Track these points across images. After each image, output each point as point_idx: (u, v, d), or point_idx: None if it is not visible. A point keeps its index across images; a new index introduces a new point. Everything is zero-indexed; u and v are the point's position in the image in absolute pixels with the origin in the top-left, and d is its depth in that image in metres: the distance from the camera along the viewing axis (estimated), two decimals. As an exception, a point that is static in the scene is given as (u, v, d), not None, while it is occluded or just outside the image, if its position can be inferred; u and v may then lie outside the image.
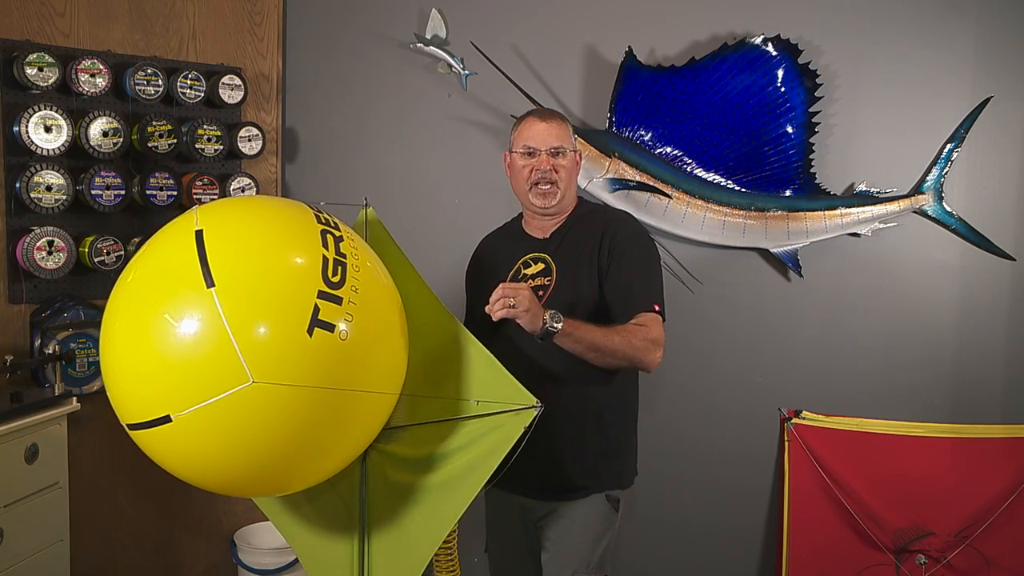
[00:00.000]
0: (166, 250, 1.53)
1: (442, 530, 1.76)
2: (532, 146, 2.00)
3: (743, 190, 2.75)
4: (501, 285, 1.77)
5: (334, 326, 1.45)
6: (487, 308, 1.77)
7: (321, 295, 1.45)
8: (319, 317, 1.43)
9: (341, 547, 1.88)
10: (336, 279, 1.49)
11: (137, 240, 2.57)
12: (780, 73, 2.66)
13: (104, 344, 1.54)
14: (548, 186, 2.00)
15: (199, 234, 1.46)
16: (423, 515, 1.77)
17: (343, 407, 1.53)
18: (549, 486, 1.98)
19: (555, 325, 1.77)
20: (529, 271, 2.03)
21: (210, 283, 1.39)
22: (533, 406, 1.64)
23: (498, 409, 1.69)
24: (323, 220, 1.61)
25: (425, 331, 1.79)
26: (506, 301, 1.75)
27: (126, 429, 1.53)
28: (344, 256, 1.54)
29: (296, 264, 1.49)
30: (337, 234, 1.58)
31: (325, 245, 1.52)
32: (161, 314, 1.43)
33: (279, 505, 1.94)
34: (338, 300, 1.47)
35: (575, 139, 2.11)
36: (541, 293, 1.97)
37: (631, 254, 1.96)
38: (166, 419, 1.42)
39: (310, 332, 1.42)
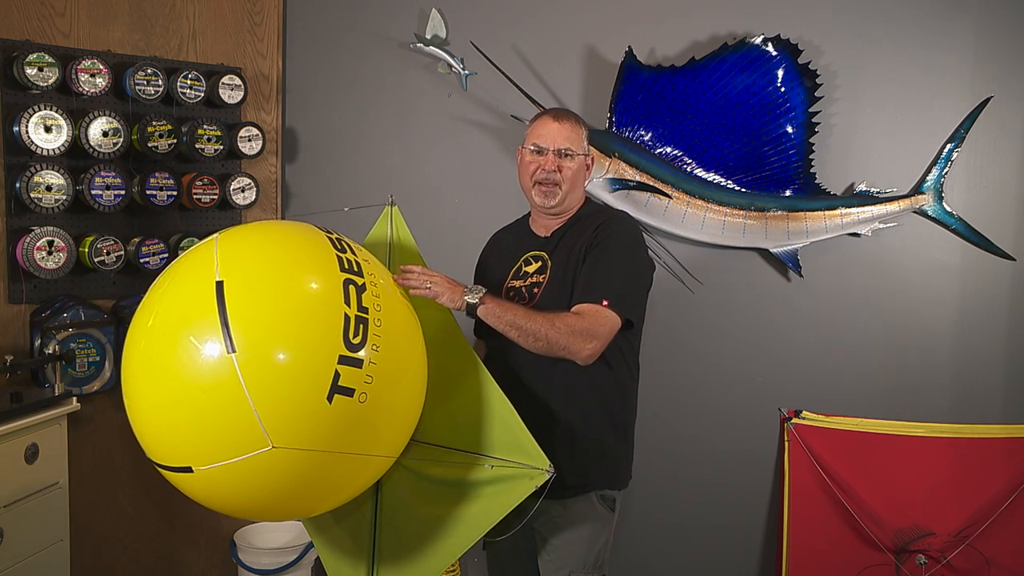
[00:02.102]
0: (187, 300, 1.51)
1: (445, 560, 1.81)
2: (541, 144, 2.02)
3: (743, 190, 2.75)
4: (420, 268, 1.85)
5: (353, 391, 1.47)
6: (399, 279, 1.82)
7: (342, 360, 1.46)
8: (339, 383, 1.45)
9: (357, 567, 1.92)
10: (357, 340, 1.49)
11: (137, 240, 2.57)
12: (780, 73, 2.66)
13: (127, 382, 1.56)
14: (550, 186, 2.01)
15: (220, 287, 1.45)
16: (429, 544, 1.81)
17: (357, 465, 1.58)
18: None
19: (471, 300, 1.83)
20: (529, 268, 2.05)
21: (231, 348, 1.41)
22: (546, 470, 1.68)
23: (512, 468, 1.73)
24: (345, 264, 1.59)
25: (448, 372, 1.83)
26: (423, 282, 1.82)
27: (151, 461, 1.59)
28: (366, 311, 1.54)
29: (317, 329, 1.48)
30: (360, 282, 1.57)
31: (347, 301, 1.52)
32: (183, 373, 1.45)
33: (312, 525, 2.00)
34: (359, 363, 1.48)
35: (587, 144, 2.09)
36: (536, 290, 1.99)
37: (606, 249, 1.94)
38: (188, 469, 1.47)
39: (330, 399, 1.44)
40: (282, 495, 1.53)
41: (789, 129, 2.69)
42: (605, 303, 1.86)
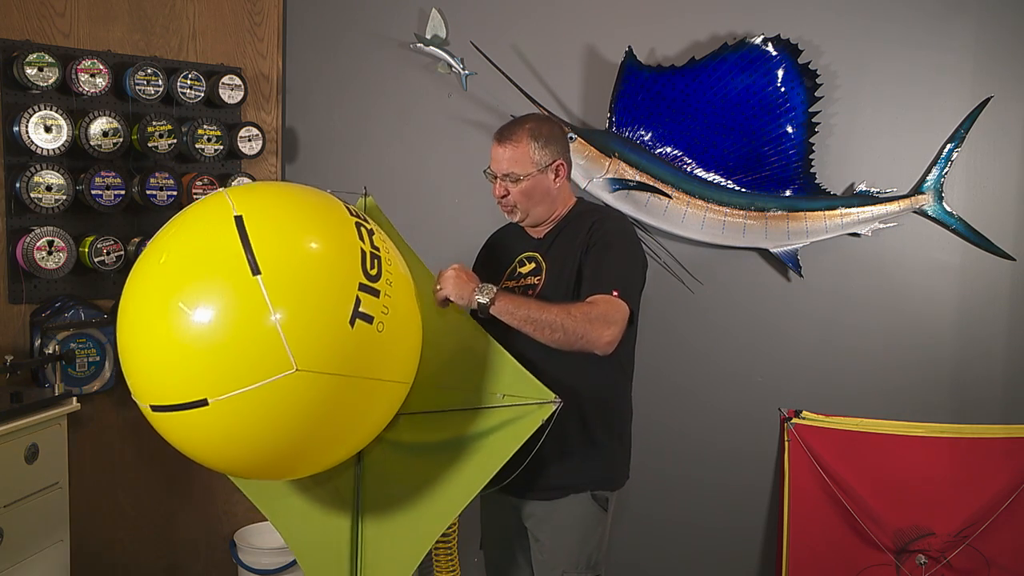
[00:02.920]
0: (204, 234, 1.51)
1: (448, 515, 1.78)
2: (491, 169, 2.03)
3: (743, 190, 2.75)
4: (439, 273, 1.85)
5: (373, 318, 1.49)
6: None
7: (362, 287, 1.49)
8: (360, 309, 1.47)
9: (336, 540, 1.88)
10: (374, 272, 1.53)
11: (137, 240, 2.57)
12: (780, 73, 2.66)
13: (130, 324, 1.53)
14: (507, 208, 2.04)
15: (239, 220, 1.46)
16: (425, 503, 1.79)
17: (372, 394, 1.57)
18: (533, 486, 1.99)
19: (481, 300, 1.80)
20: (523, 269, 2.06)
21: (256, 271, 1.40)
22: (553, 401, 1.71)
23: (521, 402, 1.74)
24: (352, 212, 1.63)
25: (446, 327, 1.84)
26: (434, 287, 1.83)
27: (146, 410, 1.52)
28: (378, 249, 1.58)
29: (338, 256, 1.51)
30: (368, 226, 1.61)
31: (361, 238, 1.56)
32: (203, 298, 1.43)
33: (276, 502, 1.95)
34: (376, 293, 1.51)
35: (549, 153, 1.99)
36: (531, 292, 2.00)
37: (605, 246, 1.95)
38: (202, 403, 1.42)
39: (352, 323, 1.46)
40: (298, 428, 1.48)
41: (789, 129, 2.69)
42: (615, 293, 1.86)
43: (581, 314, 1.82)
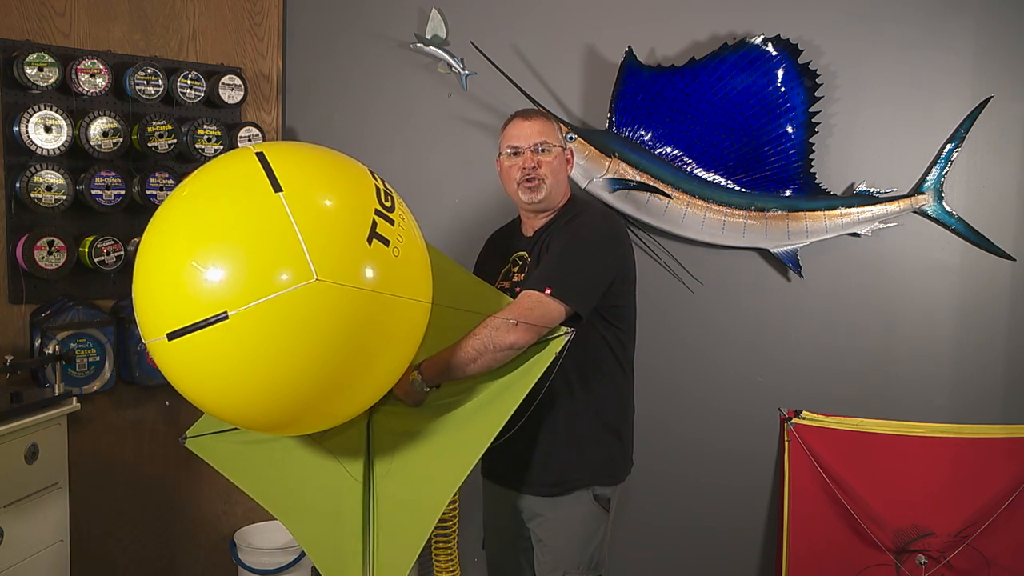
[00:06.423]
0: (225, 168, 1.61)
1: (465, 466, 1.71)
2: (516, 145, 2.03)
3: (743, 190, 2.75)
4: None
5: (389, 241, 1.55)
6: None
7: (378, 213, 1.57)
8: (377, 230, 1.53)
9: (347, 521, 1.81)
10: (388, 204, 1.61)
11: (138, 240, 2.57)
12: (780, 73, 2.66)
13: (149, 255, 1.55)
14: (533, 182, 2.01)
15: (261, 155, 1.55)
16: (439, 458, 1.77)
17: (393, 312, 1.57)
18: (532, 482, 1.99)
19: (426, 388, 1.83)
20: (515, 268, 2.07)
21: (277, 188, 1.49)
22: (564, 333, 1.76)
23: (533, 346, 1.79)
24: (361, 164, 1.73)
25: (452, 276, 1.90)
26: None
27: (161, 345, 1.48)
28: (390, 190, 1.68)
29: (354, 184, 1.61)
30: (379, 178, 1.69)
31: (374, 177, 1.66)
32: (224, 215, 1.49)
33: (281, 497, 1.90)
34: (391, 221, 1.58)
35: (564, 138, 2.15)
36: (518, 290, 1.99)
37: (565, 242, 1.93)
38: (222, 316, 1.42)
39: (369, 242, 1.51)
40: (321, 346, 1.47)
41: (789, 129, 2.69)
42: (548, 291, 1.82)
43: (486, 330, 1.78)
